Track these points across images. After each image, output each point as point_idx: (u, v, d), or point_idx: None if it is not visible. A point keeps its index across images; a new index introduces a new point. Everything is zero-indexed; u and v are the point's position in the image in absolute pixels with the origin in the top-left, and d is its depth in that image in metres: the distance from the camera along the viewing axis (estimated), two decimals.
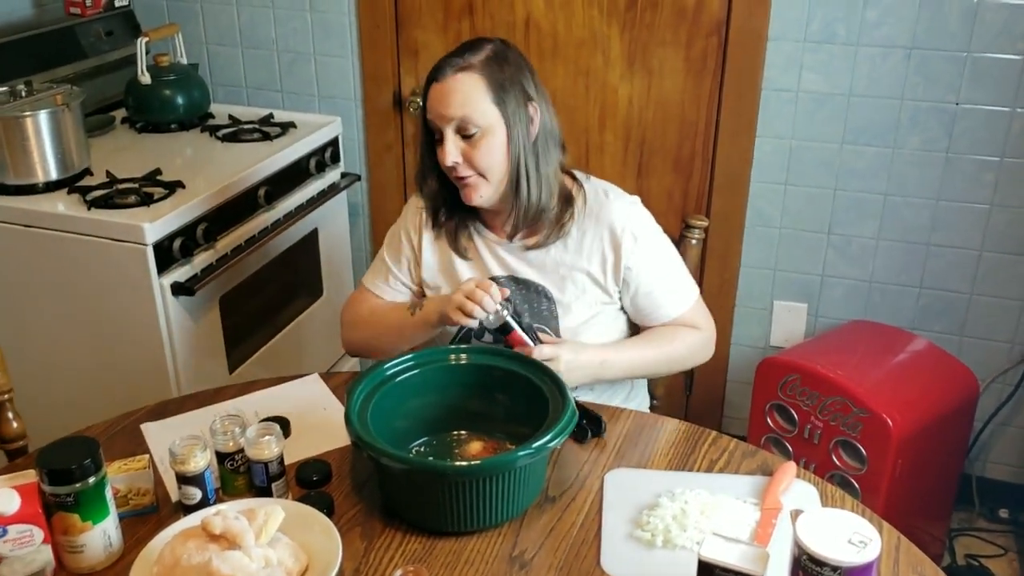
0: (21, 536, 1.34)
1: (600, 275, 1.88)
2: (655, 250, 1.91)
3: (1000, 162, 2.59)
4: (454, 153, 1.79)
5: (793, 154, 2.75)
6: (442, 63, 1.80)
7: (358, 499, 1.56)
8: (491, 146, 1.79)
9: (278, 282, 2.82)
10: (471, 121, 1.77)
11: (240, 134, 2.87)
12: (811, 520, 1.25)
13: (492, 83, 1.77)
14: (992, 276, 2.70)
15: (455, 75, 1.77)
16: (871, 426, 2.40)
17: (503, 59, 1.80)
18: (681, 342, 1.91)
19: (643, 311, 1.92)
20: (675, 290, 1.92)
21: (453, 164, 1.79)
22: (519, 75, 1.81)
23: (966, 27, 2.49)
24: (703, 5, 2.71)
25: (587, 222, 1.88)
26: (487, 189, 1.82)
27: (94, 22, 3.00)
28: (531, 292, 1.89)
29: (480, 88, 1.77)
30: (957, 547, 2.84)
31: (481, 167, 1.80)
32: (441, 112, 1.78)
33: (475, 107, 1.77)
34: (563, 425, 1.48)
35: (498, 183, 1.82)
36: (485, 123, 1.77)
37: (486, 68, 1.78)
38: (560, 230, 1.87)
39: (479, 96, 1.77)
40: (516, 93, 1.79)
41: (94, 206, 2.34)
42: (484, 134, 1.78)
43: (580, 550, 1.45)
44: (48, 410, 2.36)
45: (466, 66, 1.77)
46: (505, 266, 1.91)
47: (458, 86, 1.77)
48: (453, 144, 1.79)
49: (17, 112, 2.38)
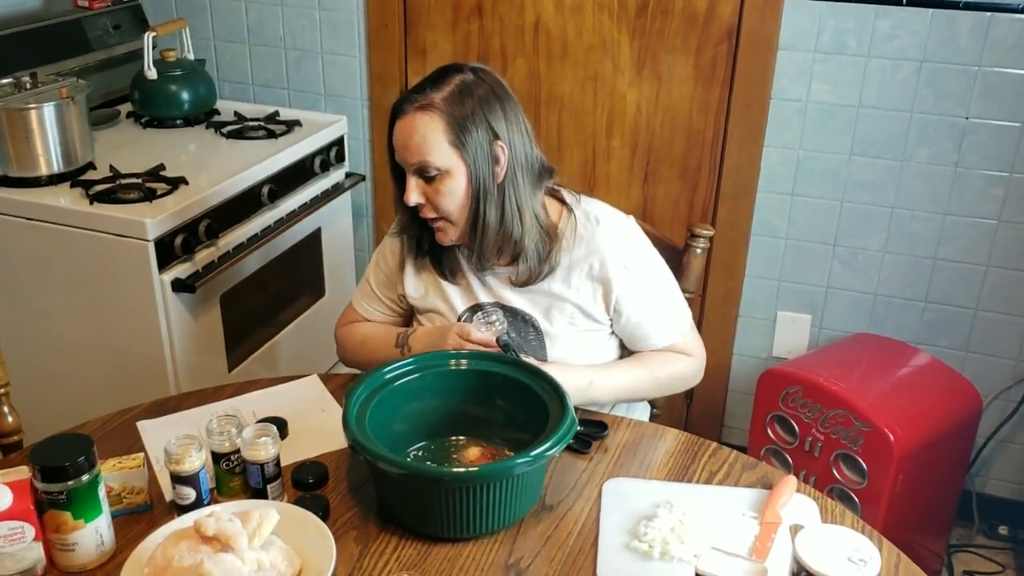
0: (12, 533, 1.33)
1: (590, 305, 1.83)
2: (647, 278, 1.86)
3: (1009, 177, 2.57)
4: (415, 195, 1.74)
5: (801, 164, 2.74)
6: (404, 98, 1.73)
7: (354, 503, 1.55)
8: (451, 188, 1.72)
9: (280, 281, 2.81)
10: (429, 164, 1.71)
11: (245, 131, 2.87)
12: (810, 536, 1.24)
13: (451, 123, 1.69)
14: (998, 292, 2.69)
15: (413, 114, 1.70)
16: (872, 440, 2.38)
17: (467, 94, 1.71)
18: (672, 366, 1.89)
19: (634, 338, 1.89)
20: (667, 318, 1.88)
21: (415, 205, 1.75)
22: (485, 111, 1.71)
23: (977, 41, 2.47)
24: (714, 13, 2.70)
25: (576, 251, 1.82)
26: (453, 231, 1.78)
27: (102, 15, 2.99)
28: (518, 320, 1.85)
29: (438, 130, 1.69)
30: (956, 563, 2.83)
31: (442, 209, 1.75)
32: (401, 154, 1.74)
33: (432, 150, 1.69)
34: (562, 433, 1.47)
35: (463, 224, 1.77)
36: (443, 165, 1.70)
37: (447, 106, 1.69)
38: (547, 266, 1.81)
39: (436, 138, 1.69)
40: (479, 133, 1.70)
41: (96, 200, 2.33)
42: (443, 176, 1.71)
43: (576, 560, 1.44)
44: (45, 405, 2.36)
45: (426, 104, 1.70)
46: (492, 293, 1.87)
47: (416, 127, 1.70)
48: (414, 185, 1.73)
49: (21, 104, 2.38)
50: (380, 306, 2.00)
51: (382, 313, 2.01)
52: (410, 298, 1.94)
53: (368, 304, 2.01)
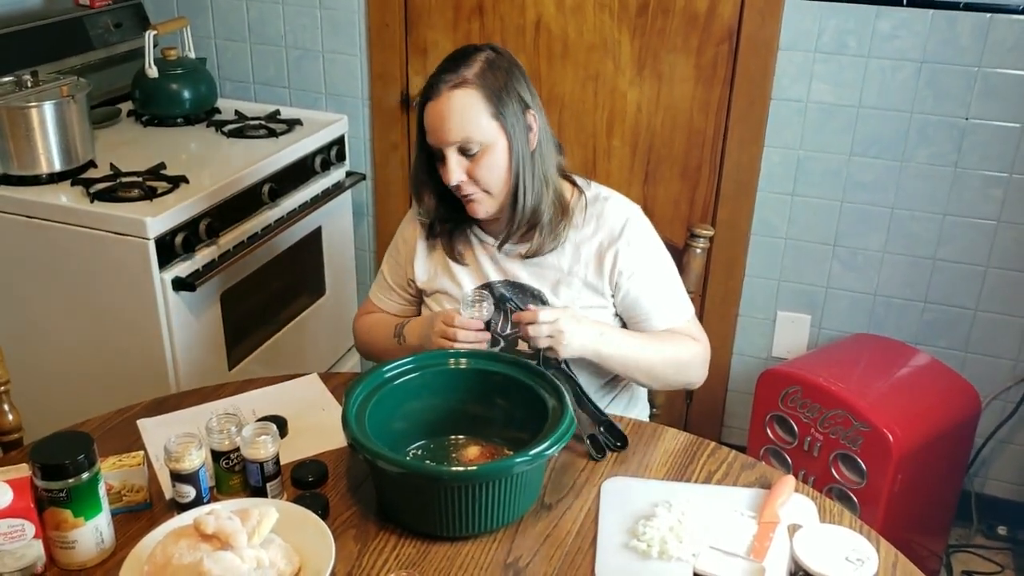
0: (12, 530, 1.34)
1: (596, 280, 1.86)
2: (650, 257, 1.88)
3: (1009, 178, 2.57)
4: (458, 173, 1.75)
5: (801, 164, 2.74)
6: (435, 80, 1.74)
7: (353, 501, 1.55)
8: (493, 161, 1.75)
9: (280, 280, 2.82)
10: (472, 140, 1.72)
11: (246, 130, 2.87)
12: (808, 536, 1.24)
13: (489, 96, 1.72)
14: (997, 293, 2.69)
15: (450, 92, 1.71)
16: (871, 440, 2.39)
17: (497, 68, 1.74)
18: (680, 346, 1.87)
19: (635, 317, 1.89)
20: (668, 301, 1.89)
21: (457, 183, 1.76)
22: (515, 83, 1.75)
23: (978, 42, 2.48)
24: (715, 13, 2.70)
25: (586, 228, 1.86)
26: (491, 203, 1.80)
27: (103, 13, 3.00)
28: (527, 296, 1.88)
29: (478, 103, 1.72)
30: (955, 563, 2.83)
31: (484, 183, 1.77)
32: (440, 135, 1.74)
33: (475, 125, 1.72)
34: (561, 433, 1.47)
35: (501, 196, 1.80)
36: (486, 139, 1.73)
37: (481, 80, 1.72)
38: (555, 239, 1.85)
39: (477, 112, 1.72)
40: (514, 103, 1.74)
41: (97, 199, 2.33)
42: (486, 150, 1.74)
43: (575, 559, 1.44)
44: (45, 403, 2.36)
45: (460, 82, 1.71)
46: (502, 270, 1.90)
47: (455, 105, 1.71)
48: (456, 164, 1.75)
49: (22, 102, 2.38)
50: (392, 295, 2.03)
51: (394, 303, 2.03)
52: (418, 281, 1.96)
53: (382, 294, 2.05)
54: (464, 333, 1.72)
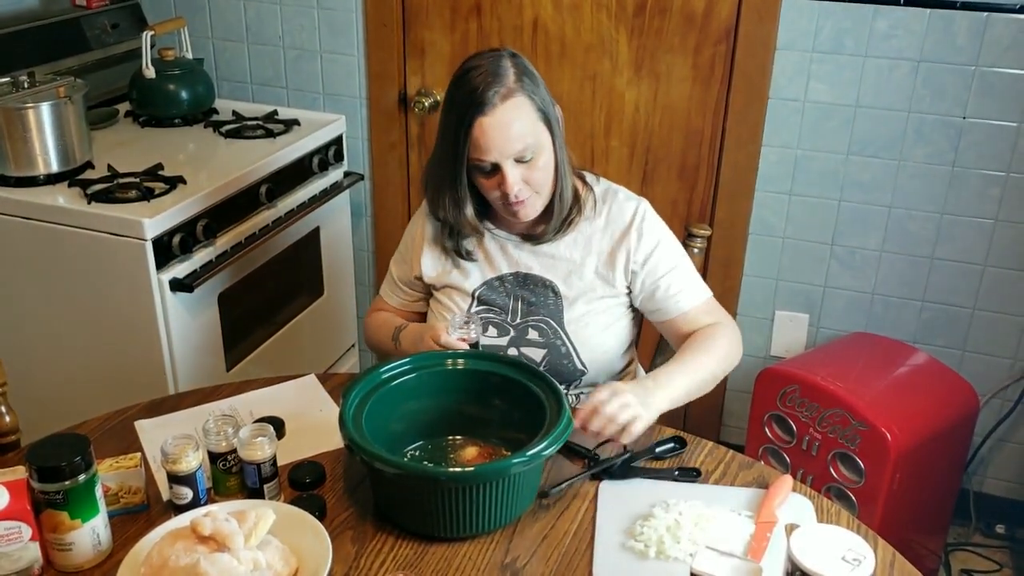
0: (8, 533, 1.34)
1: (607, 271, 1.88)
2: (663, 244, 1.89)
3: (1006, 177, 2.57)
4: (518, 182, 1.74)
5: (798, 164, 2.74)
6: (481, 95, 1.69)
7: (350, 502, 1.55)
8: (545, 163, 1.76)
9: (278, 281, 2.81)
10: (529, 147, 1.72)
11: (244, 130, 2.87)
12: (805, 536, 1.24)
13: (535, 101, 1.73)
14: (995, 291, 2.69)
15: (503, 105, 1.70)
16: (870, 439, 2.39)
17: (527, 70, 1.76)
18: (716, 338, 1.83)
19: (656, 304, 1.89)
20: (687, 284, 1.89)
21: (517, 193, 1.75)
22: (540, 81, 1.78)
23: (975, 41, 2.48)
24: (712, 12, 2.70)
25: (597, 220, 1.89)
26: (539, 203, 1.81)
27: (100, 14, 2.99)
28: (538, 287, 1.89)
29: (531, 111, 1.72)
30: (953, 562, 2.83)
31: (537, 185, 1.77)
32: (501, 148, 1.71)
33: (531, 132, 1.72)
34: (558, 433, 1.47)
35: (549, 192, 1.82)
36: (540, 143, 1.74)
37: (523, 86, 1.72)
38: (568, 226, 1.87)
39: (532, 119, 1.73)
40: (548, 102, 1.77)
41: (94, 200, 2.33)
42: (539, 153, 1.75)
43: (572, 559, 1.44)
44: (43, 405, 2.36)
45: (507, 92, 1.70)
46: (513, 263, 1.91)
47: (511, 116, 1.70)
48: (514, 174, 1.73)
49: (19, 103, 2.38)
50: (399, 291, 2.05)
51: (400, 299, 2.05)
52: (426, 277, 1.97)
53: (389, 291, 2.07)
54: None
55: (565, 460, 1.66)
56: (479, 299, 1.91)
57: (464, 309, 1.91)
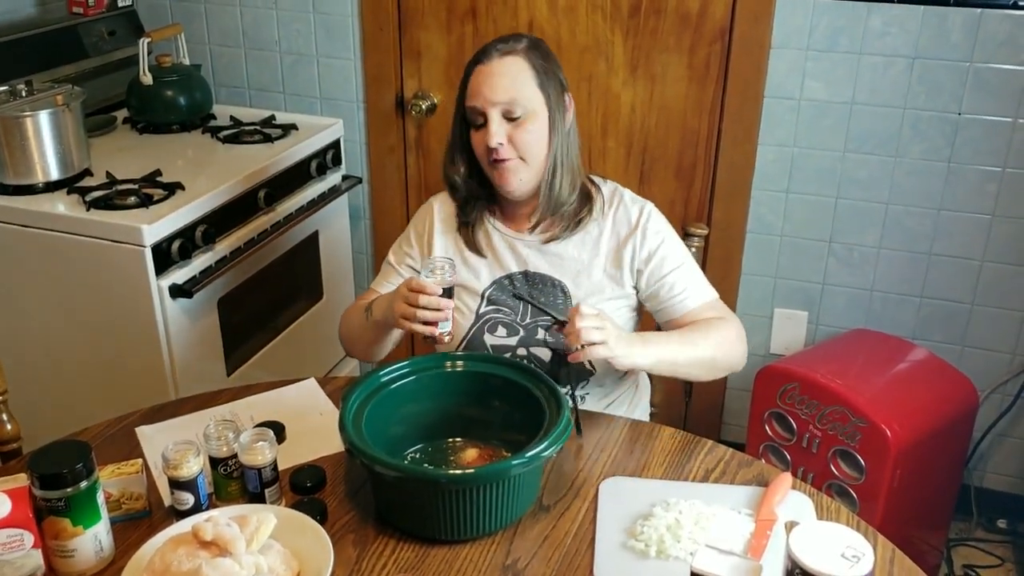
0: (11, 540, 1.34)
1: (615, 271, 1.90)
2: (668, 244, 1.91)
3: (1002, 172, 2.58)
4: (500, 134, 1.80)
5: (795, 162, 2.75)
6: (486, 48, 1.84)
7: (351, 506, 1.55)
8: (534, 130, 1.82)
9: (277, 285, 2.82)
10: (517, 103, 1.79)
11: (241, 136, 2.87)
12: (804, 533, 1.24)
13: (536, 68, 1.82)
14: (993, 287, 2.69)
15: (502, 58, 1.81)
16: (870, 436, 2.39)
17: (542, 48, 1.86)
18: (720, 326, 1.86)
19: (661, 303, 1.90)
20: (692, 283, 1.91)
21: (497, 145, 1.80)
22: (554, 65, 1.86)
23: (969, 37, 2.48)
24: (706, 12, 2.70)
25: (605, 221, 1.92)
26: (526, 173, 1.84)
27: (97, 22, 3.00)
28: (547, 286, 1.90)
29: (526, 71, 1.81)
30: (955, 557, 2.83)
31: (523, 150, 1.82)
32: (488, 95, 1.80)
33: (521, 89, 1.80)
34: (558, 434, 1.48)
35: (537, 168, 1.85)
36: (530, 106, 1.80)
37: (529, 54, 1.82)
38: (576, 225, 1.90)
39: (525, 79, 1.80)
40: (555, 81, 1.84)
41: (93, 207, 2.34)
42: (528, 117, 1.81)
43: (573, 560, 1.45)
44: (44, 412, 2.37)
45: (510, 51, 1.81)
46: (522, 261, 1.92)
47: (505, 69, 1.80)
48: (498, 125, 1.80)
49: (17, 112, 2.38)
50: (397, 278, 2.00)
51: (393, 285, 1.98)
52: None
53: (385, 280, 2.02)
54: (425, 298, 1.67)
55: (566, 460, 1.66)
56: (488, 299, 1.91)
57: (473, 309, 1.91)
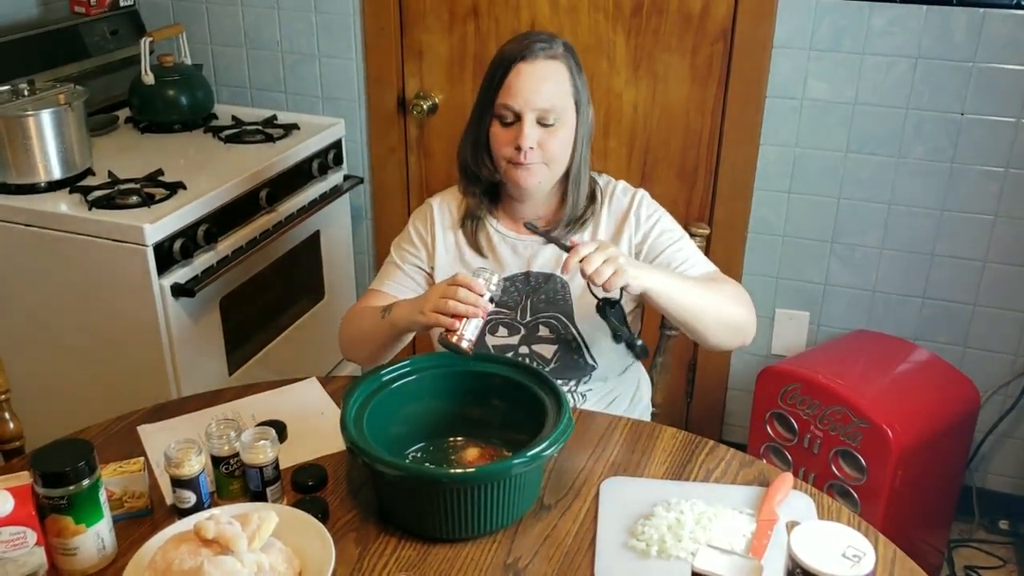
0: (14, 538, 1.34)
1: None
2: (663, 222, 1.92)
3: (1005, 172, 2.58)
4: (532, 137, 1.78)
5: (797, 162, 2.75)
6: (528, 44, 1.78)
7: (353, 505, 1.56)
8: (565, 136, 1.81)
9: (279, 284, 2.82)
10: (554, 111, 1.77)
11: (243, 135, 2.88)
12: (805, 533, 1.24)
13: (573, 75, 1.80)
14: (996, 287, 2.69)
15: (546, 61, 1.77)
16: (871, 436, 2.39)
17: (574, 54, 1.83)
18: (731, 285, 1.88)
19: None
20: (690, 256, 1.90)
21: (528, 148, 1.78)
22: (583, 76, 1.84)
23: (972, 38, 2.48)
24: (709, 12, 2.70)
25: (601, 213, 1.92)
26: (546, 176, 1.83)
27: (99, 21, 3.00)
28: (548, 283, 1.90)
29: (566, 79, 1.79)
30: (957, 558, 2.83)
31: (549, 156, 1.81)
32: (529, 97, 1.76)
33: (561, 96, 1.78)
34: (559, 433, 1.48)
35: (557, 173, 1.85)
36: (564, 116, 1.80)
37: (568, 59, 1.80)
38: (580, 225, 1.90)
39: (565, 87, 1.79)
40: (585, 93, 1.84)
41: (95, 206, 2.34)
42: (560, 125, 1.80)
43: (575, 559, 1.45)
44: (46, 410, 2.37)
45: (554, 54, 1.78)
46: (524, 262, 1.92)
47: (549, 73, 1.77)
48: (532, 128, 1.78)
49: (19, 111, 2.39)
50: (407, 280, 1.96)
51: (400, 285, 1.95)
52: (438, 260, 1.94)
53: (391, 281, 1.96)
54: (464, 291, 1.61)
55: (567, 460, 1.66)
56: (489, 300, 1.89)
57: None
